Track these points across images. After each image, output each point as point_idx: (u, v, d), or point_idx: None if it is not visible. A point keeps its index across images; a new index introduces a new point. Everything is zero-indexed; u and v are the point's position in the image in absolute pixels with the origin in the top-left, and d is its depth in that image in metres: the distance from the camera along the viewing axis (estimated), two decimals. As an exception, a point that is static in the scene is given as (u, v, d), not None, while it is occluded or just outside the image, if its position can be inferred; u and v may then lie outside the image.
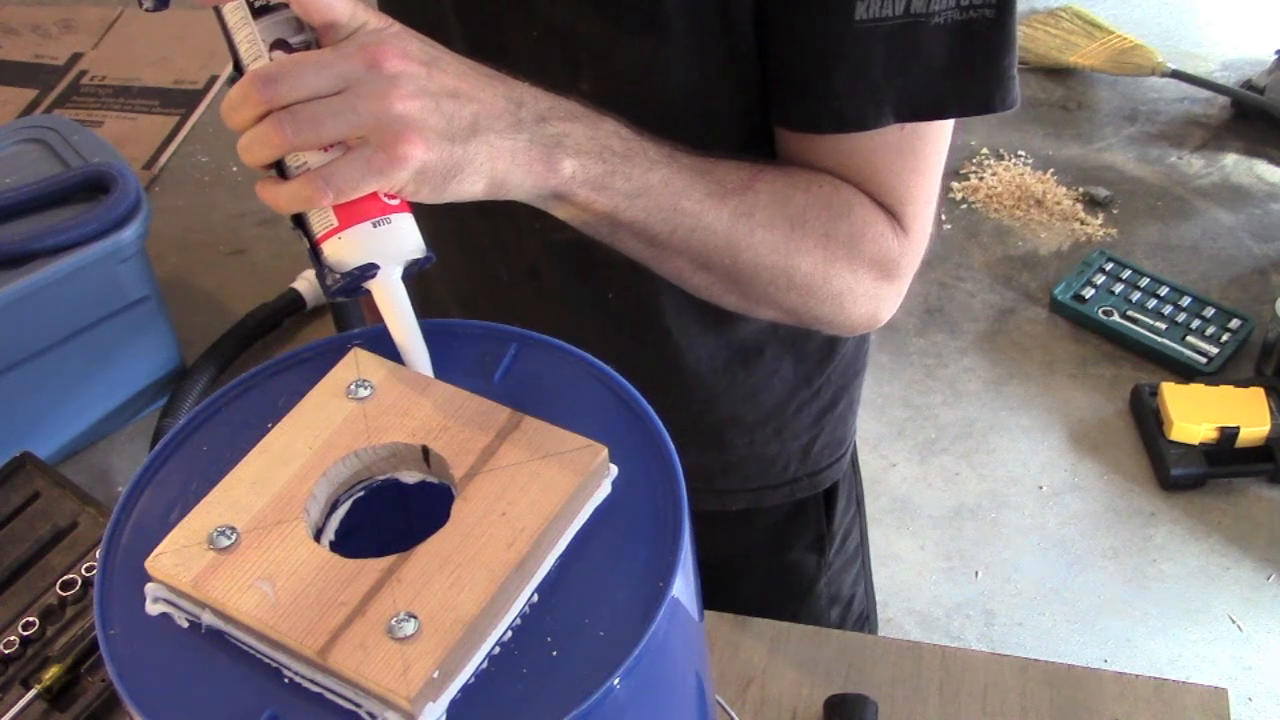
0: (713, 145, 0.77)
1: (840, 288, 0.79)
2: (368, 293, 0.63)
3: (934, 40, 0.73)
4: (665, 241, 0.74)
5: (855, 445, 1.11)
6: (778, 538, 1.09)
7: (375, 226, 0.61)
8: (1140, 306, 2.43)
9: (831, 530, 1.10)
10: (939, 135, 0.79)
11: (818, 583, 1.12)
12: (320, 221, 0.62)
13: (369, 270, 0.61)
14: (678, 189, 0.72)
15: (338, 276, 0.61)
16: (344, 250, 0.61)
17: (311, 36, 0.63)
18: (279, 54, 0.62)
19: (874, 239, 0.79)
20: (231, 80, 0.63)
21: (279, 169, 0.62)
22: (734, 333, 0.94)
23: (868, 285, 0.80)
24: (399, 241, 0.62)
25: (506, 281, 0.95)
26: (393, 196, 0.62)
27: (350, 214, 0.61)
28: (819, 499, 1.08)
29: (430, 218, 1.00)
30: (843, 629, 1.17)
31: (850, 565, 1.15)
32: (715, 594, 1.03)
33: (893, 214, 0.80)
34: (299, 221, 0.64)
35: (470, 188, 0.64)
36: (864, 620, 1.21)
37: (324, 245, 0.62)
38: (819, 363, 1.00)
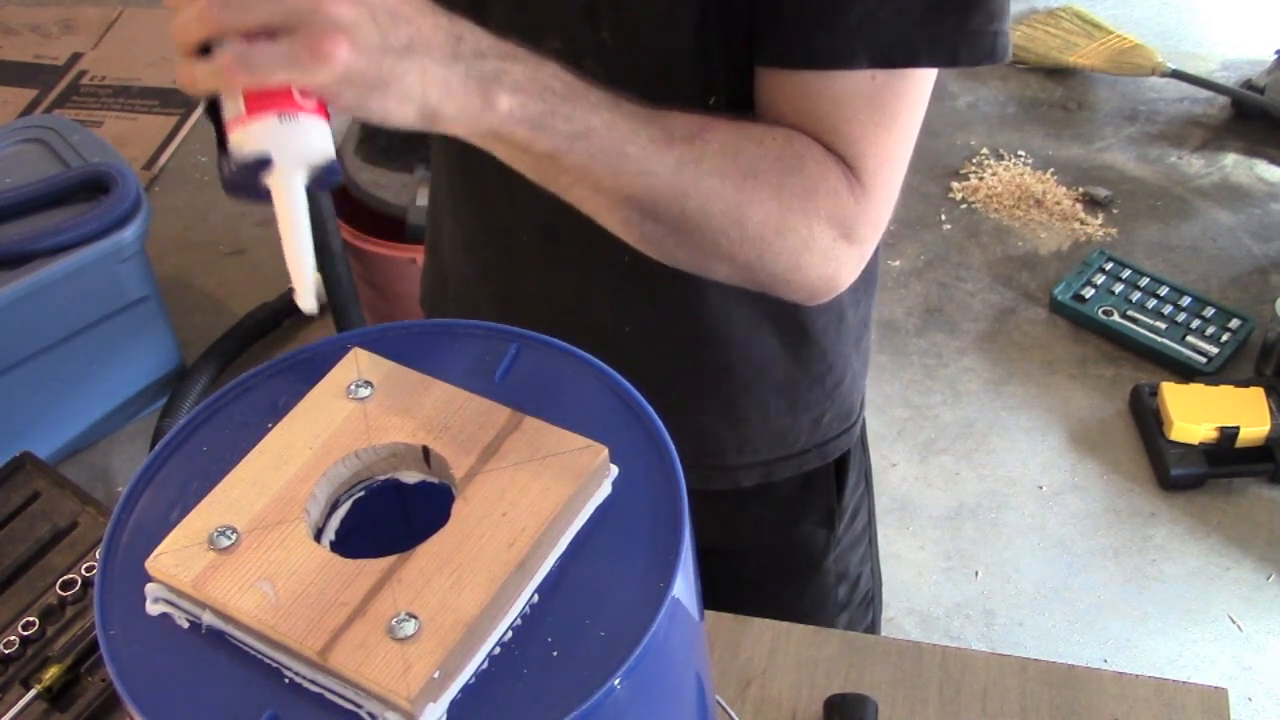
0: (729, 96, 0.77)
1: (795, 243, 0.77)
2: (267, 194, 0.62)
3: None
4: (610, 187, 0.73)
5: (865, 421, 1.11)
6: (788, 512, 1.08)
7: (280, 121, 0.61)
8: (1140, 306, 2.43)
9: (841, 505, 1.10)
10: (912, 94, 0.77)
11: (825, 559, 1.12)
12: (231, 109, 0.62)
13: (264, 164, 0.61)
14: (622, 134, 0.71)
15: (233, 167, 0.61)
16: (245, 139, 0.61)
17: None
18: None
19: (828, 194, 0.77)
20: None
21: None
22: (753, 302, 0.93)
23: (825, 243, 0.78)
24: (302, 141, 0.62)
25: (524, 241, 0.95)
26: (309, 96, 0.62)
27: (259, 103, 0.61)
28: (829, 472, 1.08)
29: (446, 176, 1.00)
30: (849, 608, 1.17)
31: (858, 543, 1.15)
32: (724, 572, 1.04)
33: (852, 169, 0.78)
34: (213, 113, 0.63)
35: (398, 109, 0.64)
36: (869, 601, 1.21)
37: (230, 134, 0.62)
38: (833, 334, 0.99)
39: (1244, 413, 2.17)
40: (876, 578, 1.22)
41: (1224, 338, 2.36)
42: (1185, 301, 2.42)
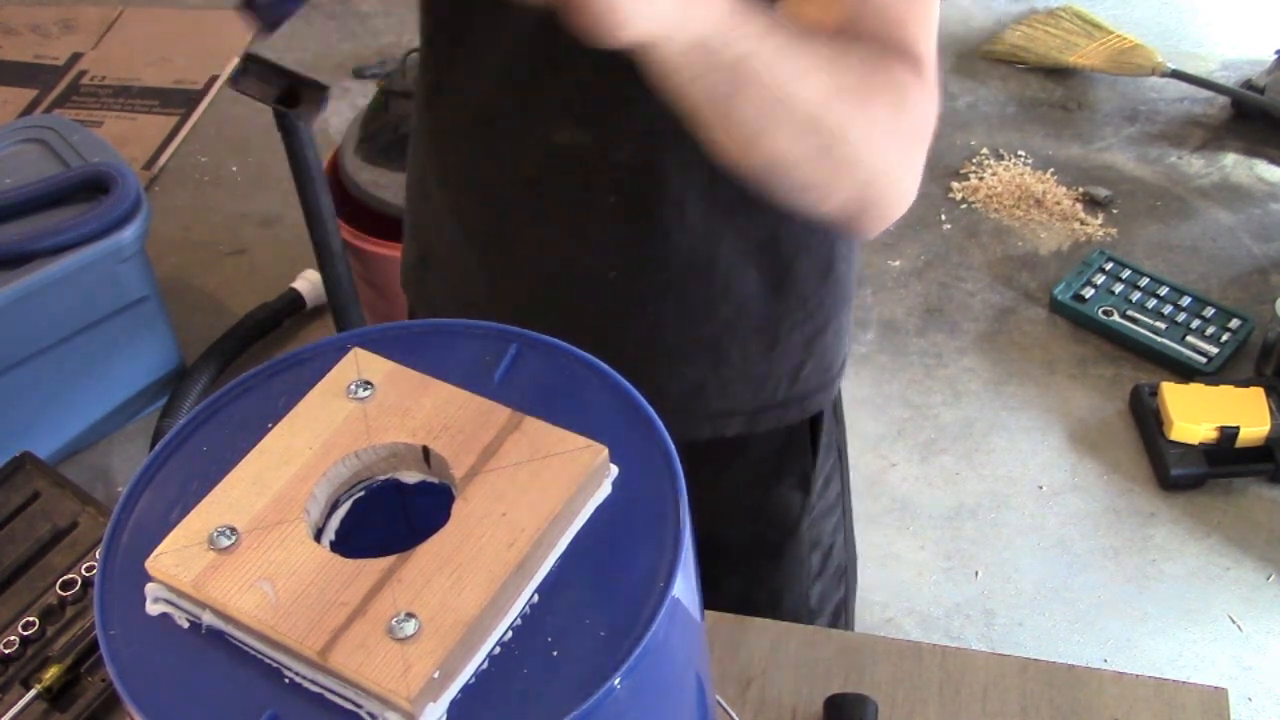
0: None
1: (900, 152, 0.77)
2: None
3: None
4: (786, 95, 0.71)
5: (840, 393, 1.13)
6: (766, 474, 1.10)
7: None
8: (1140, 306, 2.43)
9: (815, 469, 1.11)
10: None
11: (800, 525, 1.13)
12: None
13: None
14: (789, 36, 0.70)
15: None
16: None
17: None
18: None
19: (914, 101, 0.77)
20: (232, 77, 0.64)
21: None
22: (736, 236, 0.93)
23: (916, 155, 0.78)
24: None
25: (510, 196, 0.96)
26: None
27: None
28: (805, 435, 1.09)
29: (432, 146, 1.01)
30: (822, 578, 1.18)
31: (831, 512, 1.17)
32: (703, 542, 1.06)
33: (911, 57, 0.77)
34: None
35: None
36: (843, 573, 1.22)
37: None
38: (817, 281, 1.00)
39: (1244, 413, 2.17)
40: (850, 552, 1.24)
41: (1224, 338, 2.36)
42: (1185, 301, 2.42)
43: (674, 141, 0.79)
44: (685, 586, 0.54)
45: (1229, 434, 2.14)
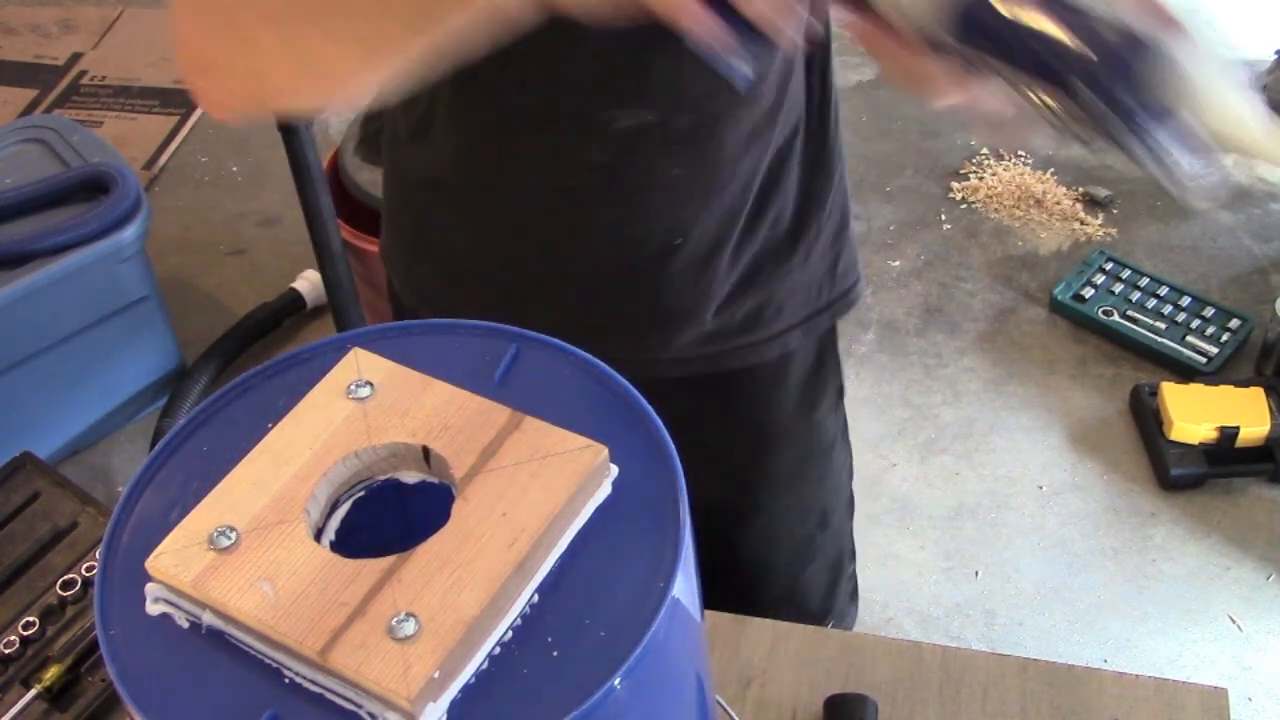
0: None
1: None
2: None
3: None
4: None
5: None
6: (806, 395, 1.13)
7: None
8: (1140, 306, 2.43)
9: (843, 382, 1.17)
10: None
11: (836, 444, 1.19)
12: None
13: None
14: None
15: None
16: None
17: None
18: None
19: None
20: None
21: None
22: (767, 154, 0.96)
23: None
24: None
25: (571, 187, 0.95)
26: None
27: None
28: (835, 346, 1.14)
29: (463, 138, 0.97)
30: (852, 504, 1.24)
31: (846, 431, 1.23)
32: (752, 467, 1.13)
33: None
34: None
35: None
36: (851, 503, 1.29)
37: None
38: (823, 178, 1.03)
39: (1244, 413, 2.17)
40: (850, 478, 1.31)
41: (1224, 338, 2.36)
42: (1185, 301, 2.42)
43: (724, 95, 0.81)
44: (685, 586, 0.54)
45: (1229, 434, 2.14)
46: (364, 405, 0.59)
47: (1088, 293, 2.45)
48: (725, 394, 1.10)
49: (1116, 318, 2.41)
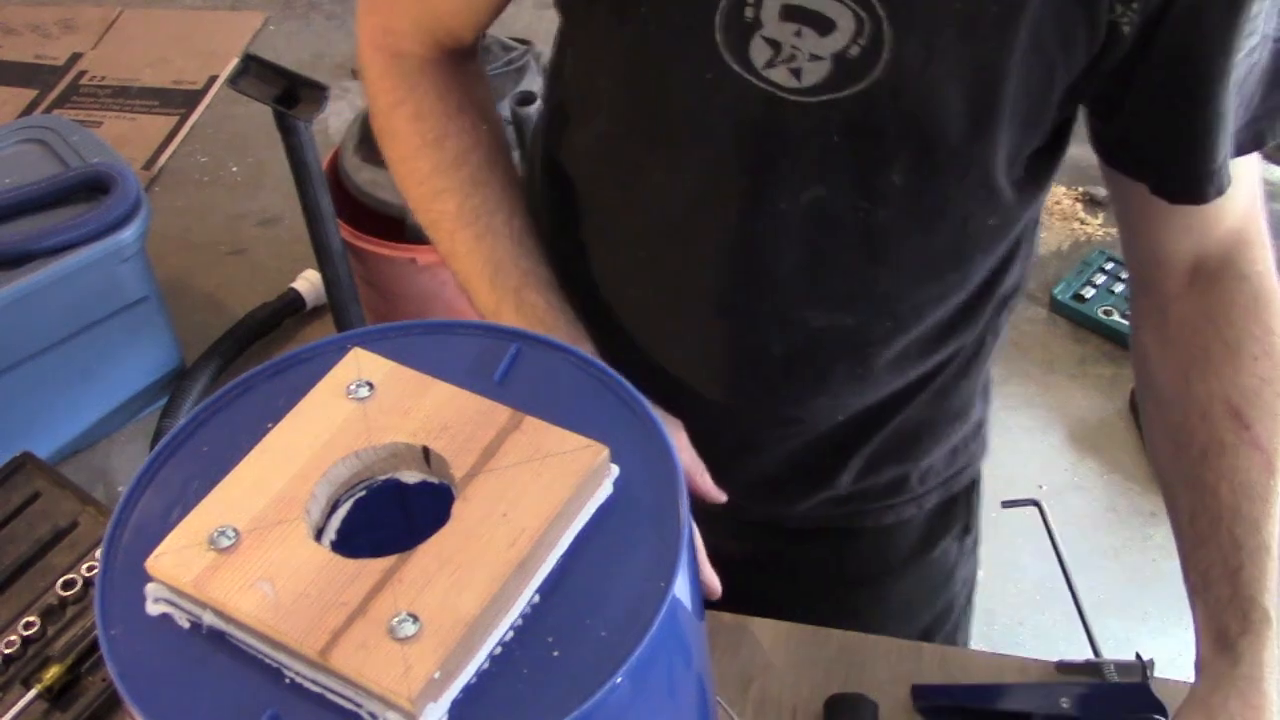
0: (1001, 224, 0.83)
1: None
2: None
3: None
4: None
5: None
6: (928, 534, 1.13)
7: None
8: (1140, 306, 2.42)
9: (976, 516, 1.16)
10: None
11: (958, 571, 1.17)
12: None
13: None
14: None
15: None
16: None
17: None
18: None
19: None
20: (232, 78, 0.63)
21: None
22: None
23: None
24: None
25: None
26: None
27: None
28: (969, 489, 1.14)
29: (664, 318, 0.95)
30: (967, 609, 1.22)
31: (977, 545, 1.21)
32: (869, 600, 1.12)
33: (1251, 237, 0.84)
34: None
35: None
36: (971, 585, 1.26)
37: None
38: (985, 360, 1.06)
39: (1244, 412, 2.16)
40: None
41: (1224, 337, 2.35)
42: (1185, 301, 2.42)
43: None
44: (685, 586, 0.54)
45: (1229, 434, 2.14)
46: (364, 405, 0.59)
47: (1088, 292, 2.45)
48: (843, 542, 1.10)
49: (1116, 317, 2.41)
